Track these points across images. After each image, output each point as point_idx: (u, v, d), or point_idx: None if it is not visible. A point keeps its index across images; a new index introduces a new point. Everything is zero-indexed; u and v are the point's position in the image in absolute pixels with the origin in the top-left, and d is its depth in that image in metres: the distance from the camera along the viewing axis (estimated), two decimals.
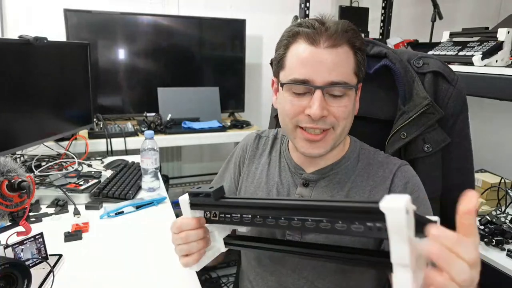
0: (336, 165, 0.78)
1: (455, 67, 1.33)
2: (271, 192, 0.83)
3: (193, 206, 0.66)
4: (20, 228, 0.67)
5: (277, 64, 0.75)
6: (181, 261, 0.69)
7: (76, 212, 1.12)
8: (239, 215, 0.60)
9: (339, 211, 0.49)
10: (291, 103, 0.71)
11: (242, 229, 0.69)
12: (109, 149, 1.79)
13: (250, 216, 0.58)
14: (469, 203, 0.43)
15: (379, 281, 0.82)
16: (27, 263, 0.77)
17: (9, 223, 0.65)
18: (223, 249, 0.71)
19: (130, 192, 1.24)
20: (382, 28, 2.43)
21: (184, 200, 0.66)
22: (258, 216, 0.57)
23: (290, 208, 0.54)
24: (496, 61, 1.28)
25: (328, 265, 0.76)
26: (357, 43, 0.70)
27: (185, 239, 0.66)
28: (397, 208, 0.41)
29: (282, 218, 0.54)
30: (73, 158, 1.51)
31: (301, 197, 0.79)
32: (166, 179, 2.34)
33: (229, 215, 0.62)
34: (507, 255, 1.19)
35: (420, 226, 0.44)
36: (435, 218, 0.53)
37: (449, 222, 0.94)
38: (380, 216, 0.43)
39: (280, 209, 0.55)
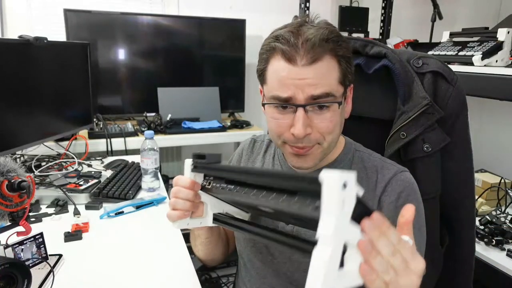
0: (330, 167, 0.78)
1: (455, 67, 1.33)
2: None
3: (194, 168, 0.69)
4: (20, 228, 0.67)
5: (260, 76, 0.74)
6: (170, 213, 0.71)
7: (76, 212, 1.12)
8: (232, 186, 0.60)
9: (283, 178, 0.49)
10: (276, 122, 0.70)
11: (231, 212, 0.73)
12: (109, 149, 1.79)
13: (233, 186, 0.60)
14: (406, 214, 0.48)
15: None
16: (27, 263, 0.77)
17: (9, 223, 0.65)
18: (210, 223, 0.73)
19: (130, 192, 1.24)
20: (382, 28, 2.43)
21: (188, 161, 0.70)
22: (238, 187, 0.58)
23: (261, 174, 0.56)
24: (496, 61, 1.28)
25: None
26: (340, 51, 0.67)
27: (175, 193, 0.69)
28: (334, 178, 0.39)
29: (255, 190, 0.54)
30: (73, 158, 1.51)
31: None
32: (166, 179, 2.34)
33: (218, 185, 0.64)
34: (507, 255, 1.19)
35: (363, 215, 0.43)
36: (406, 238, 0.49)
37: (448, 222, 0.94)
38: (318, 189, 0.40)
39: (256, 174, 0.57)
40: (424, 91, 0.82)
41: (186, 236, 0.96)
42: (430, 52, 1.48)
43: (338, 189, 0.39)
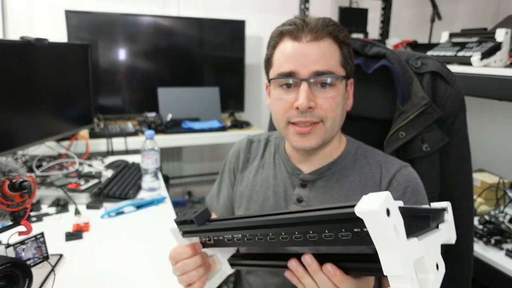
0: (333, 165, 0.78)
1: (454, 68, 1.33)
2: (267, 195, 0.83)
3: (185, 233, 0.63)
4: (21, 228, 0.67)
5: (266, 64, 0.77)
6: None
7: (77, 212, 1.13)
8: (230, 236, 0.56)
9: (319, 222, 0.44)
10: (280, 99, 0.72)
11: (242, 249, 0.66)
12: (110, 149, 1.80)
13: (240, 235, 0.55)
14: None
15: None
16: (28, 262, 0.77)
17: (10, 223, 0.65)
18: (230, 270, 0.67)
19: (131, 192, 1.24)
20: (382, 28, 2.44)
21: (175, 229, 0.63)
22: (248, 235, 0.54)
23: (273, 225, 0.50)
24: (495, 61, 1.29)
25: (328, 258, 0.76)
26: (340, 36, 0.72)
27: (183, 269, 0.63)
28: (373, 211, 0.36)
29: (270, 234, 0.51)
30: (74, 158, 1.52)
31: (299, 197, 0.79)
32: (166, 179, 2.34)
33: (221, 237, 0.58)
34: (506, 254, 1.19)
35: (416, 220, 0.40)
36: (445, 204, 0.50)
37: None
38: (361, 222, 0.38)
39: (264, 227, 0.51)
40: (423, 91, 0.83)
41: None
42: (429, 53, 1.48)
43: (385, 221, 0.36)
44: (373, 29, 2.43)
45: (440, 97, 0.84)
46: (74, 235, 0.99)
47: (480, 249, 1.22)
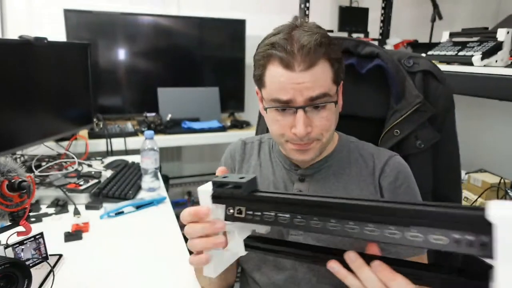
0: (330, 158, 0.81)
1: (455, 67, 1.33)
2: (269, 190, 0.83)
3: (216, 198, 0.55)
4: (20, 228, 0.67)
5: (258, 81, 0.76)
6: (192, 259, 0.58)
7: (76, 212, 1.12)
8: (273, 214, 0.49)
9: (436, 218, 0.39)
10: (278, 123, 0.73)
11: (261, 230, 0.57)
12: (109, 149, 1.79)
13: (288, 216, 0.48)
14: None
15: None
16: (27, 263, 0.77)
17: (9, 223, 0.65)
18: (242, 252, 0.57)
19: (130, 192, 1.24)
20: (382, 28, 2.43)
21: (205, 191, 0.55)
22: (299, 217, 0.47)
23: (351, 211, 0.43)
24: (496, 61, 1.28)
25: None
26: (333, 54, 0.70)
27: (188, 233, 0.57)
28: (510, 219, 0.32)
29: (333, 221, 0.45)
30: (73, 158, 1.51)
31: (299, 191, 0.79)
32: (166, 179, 2.34)
33: (259, 213, 0.50)
34: None
35: None
36: None
37: None
38: (485, 228, 0.33)
39: (334, 210, 0.45)
40: (416, 90, 0.86)
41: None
42: (430, 52, 1.48)
43: None
44: (374, 29, 2.43)
45: (432, 95, 0.87)
46: (74, 235, 0.98)
47: None
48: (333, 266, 0.49)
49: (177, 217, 1.17)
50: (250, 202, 0.51)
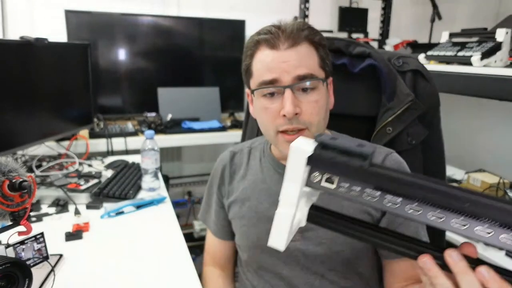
0: None
1: (454, 68, 1.34)
2: (260, 199, 0.84)
3: (316, 164, 0.44)
4: (21, 228, 0.67)
5: (246, 73, 0.78)
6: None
7: (77, 212, 1.13)
8: (378, 194, 0.41)
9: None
10: (266, 109, 0.73)
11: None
12: (110, 149, 1.79)
13: (400, 200, 0.41)
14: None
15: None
16: (28, 262, 0.77)
17: (10, 223, 0.65)
18: (303, 222, 0.50)
19: (131, 192, 1.24)
20: (382, 28, 2.44)
21: (302, 150, 0.44)
22: (415, 205, 0.40)
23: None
24: (495, 61, 1.29)
25: (335, 257, 0.78)
26: (316, 38, 0.74)
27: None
28: None
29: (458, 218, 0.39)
30: (73, 158, 1.52)
31: None
32: (166, 179, 2.34)
33: (359, 188, 0.42)
34: (506, 254, 1.19)
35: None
36: None
37: None
38: None
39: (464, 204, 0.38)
40: (407, 88, 0.88)
41: (187, 236, 0.96)
42: (429, 53, 1.49)
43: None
44: (373, 29, 2.43)
45: (420, 94, 0.90)
46: (74, 235, 0.99)
47: (481, 249, 1.22)
48: (426, 261, 0.42)
49: (177, 217, 1.18)
50: (366, 176, 0.41)
